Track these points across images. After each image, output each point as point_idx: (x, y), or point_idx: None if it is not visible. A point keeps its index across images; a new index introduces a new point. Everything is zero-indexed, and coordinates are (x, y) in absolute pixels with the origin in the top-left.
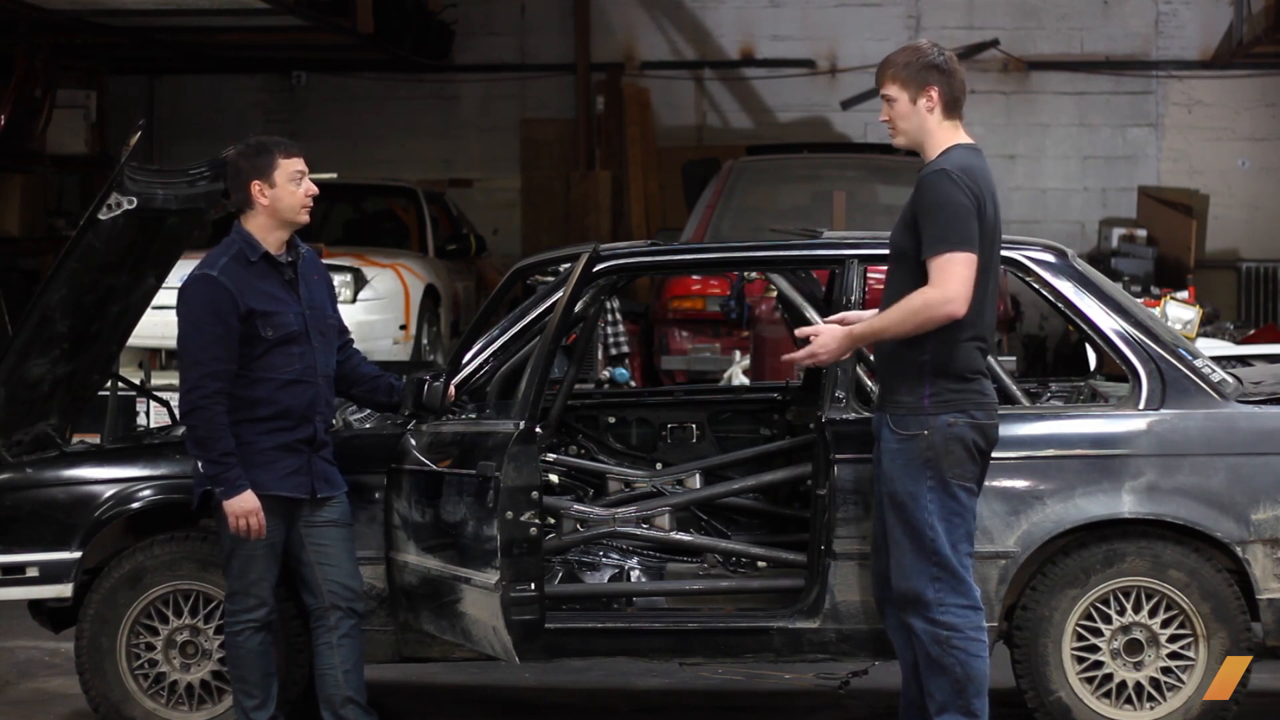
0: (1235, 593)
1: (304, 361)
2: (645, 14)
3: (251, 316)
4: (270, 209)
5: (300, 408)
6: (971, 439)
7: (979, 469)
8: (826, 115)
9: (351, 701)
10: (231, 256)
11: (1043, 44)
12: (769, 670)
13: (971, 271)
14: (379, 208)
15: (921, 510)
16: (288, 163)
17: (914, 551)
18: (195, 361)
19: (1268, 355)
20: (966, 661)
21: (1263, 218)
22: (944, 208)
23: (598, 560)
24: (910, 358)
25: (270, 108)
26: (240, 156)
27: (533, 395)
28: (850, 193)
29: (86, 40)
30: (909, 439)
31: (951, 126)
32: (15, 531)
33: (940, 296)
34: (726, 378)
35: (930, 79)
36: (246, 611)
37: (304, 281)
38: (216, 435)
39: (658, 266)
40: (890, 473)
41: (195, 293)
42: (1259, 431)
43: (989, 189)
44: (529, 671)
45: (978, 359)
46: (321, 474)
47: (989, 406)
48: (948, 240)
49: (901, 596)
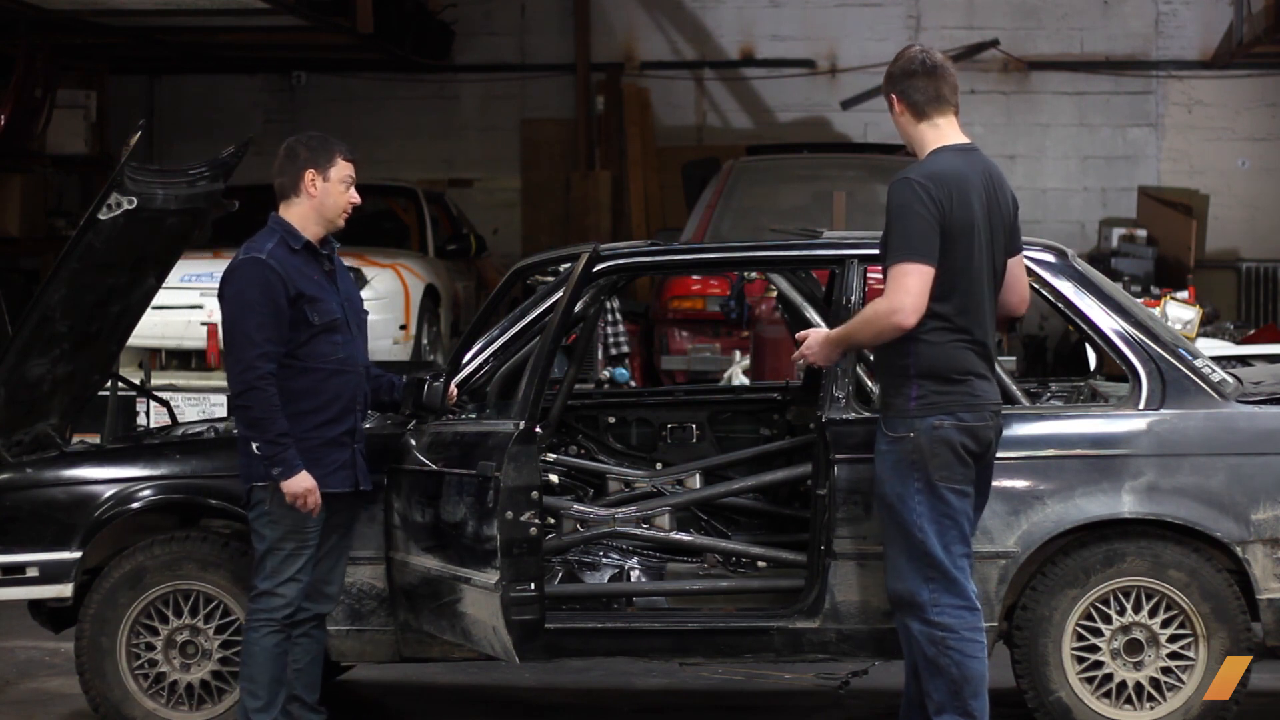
0: (1235, 593)
1: (346, 350)
2: (645, 14)
3: (300, 300)
4: (317, 203)
5: (344, 398)
6: (959, 441)
7: (968, 471)
8: (826, 115)
9: (297, 700)
10: (276, 242)
11: (1043, 44)
12: (769, 670)
13: (922, 282)
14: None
15: (910, 512)
16: (345, 165)
17: (906, 553)
18: (249, 341)
19: (1268, 355)
20: (963, 662)
21: (1263, 218)
22: (901, 217)
23: (598, 560)
24: (896, 361)
25: (270, 108)
26: (301, 143)
27: (533, 395)
28: (850, 193)
29: (86, 40)
30: (896, 441)
31: (930, 128)
32: (15, 531)
33: (887, 307)
34: (726, 378)
35: (890, 88)
36: (267, 611)
37: (340, 275)
38: (272, 416)
39: (658, 266)
40: (881, 474)
41: (245, 274)
42: (1259, 431)
43: (961, 191)
44: (529, 671)
45: (967, 359)
46: (363, 467)
47: (979, 407)
48: (900, 250)
49: (896, 598)
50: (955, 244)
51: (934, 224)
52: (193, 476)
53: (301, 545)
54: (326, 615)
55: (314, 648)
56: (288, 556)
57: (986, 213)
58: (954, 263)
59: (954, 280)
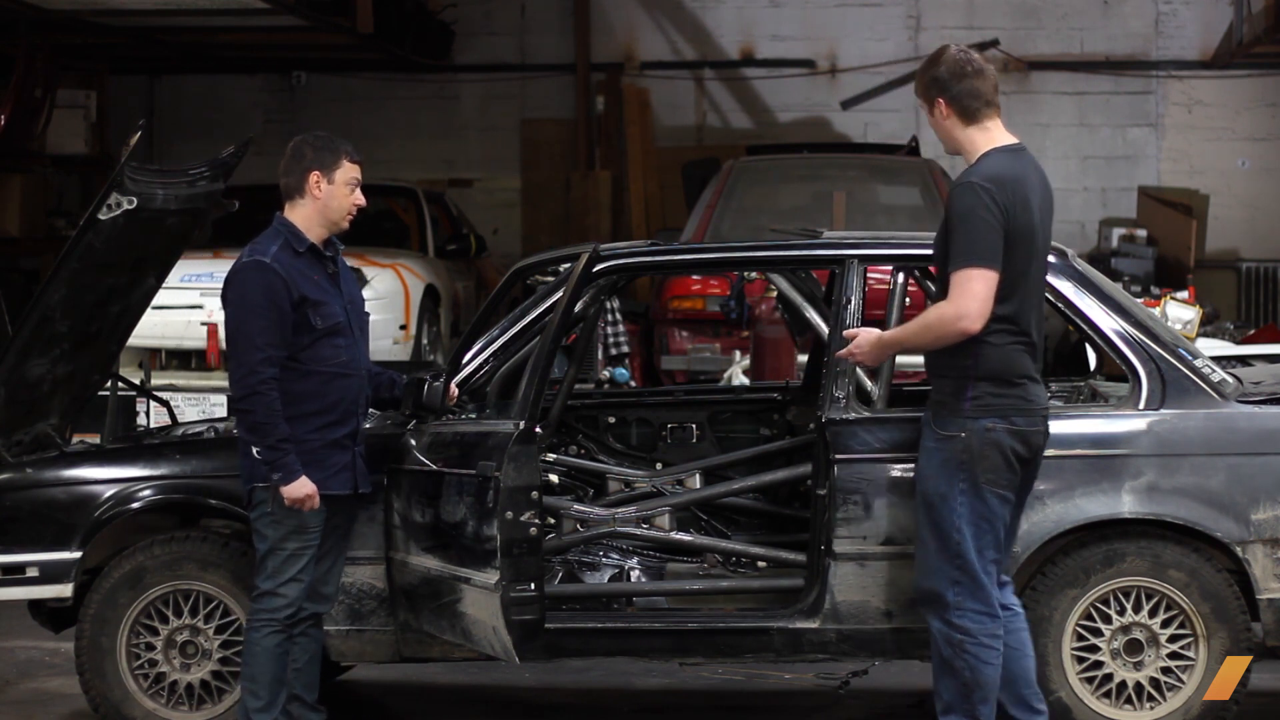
0: (1235, 593)
1: (349, 354)
2: (645, 14)
3: (303, 304)
4: (321, 204)
5: (346, 401)
6: (1009, 445)
7: (1014, 477)
8: (826, 115)
9: (296, 699)
10: (280, 245)
11: (1043, 44)
12: (769, 670)
13: (989, 287)
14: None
15: (951, 512)
16: (350, 167)
17: (939, 552)
18: (251, 346)
19: (1268, 355)
20: (977, 667)
21: (1263, 218)
22: (966, 222)
23: (598, 560)
24: (958, 362)
25: (270, 108)
26: (307, 144)
27: (533, 395)
28: (850, 193)
29: (86, 40)
30: (946, 439)
31: (979, 130)
32: (15, 531)
33: (954, 312)
34: (726, 378)
35: (934, 93)
36: (269, 611)
37: (343, 277)
38: (273, 421)
39: (658, 266)
40: (925, 471)
41: (248, 278)
42: (1259, 431)
43: (1021, 195)
44: (529, 671)
45: (1024, 362)
46: (362, 470)
47: (1032, 412)
48: (966, 256)
49: (921, 594)
50: (1016, 247)
51: (999, 228)
52: (193, 476)
53: (304, 546)
54: (324, 615)
55: (312, 646)
56: (290, 556)
57: (1041, 214)
58: (1015, 266)
59: (1014, 283)
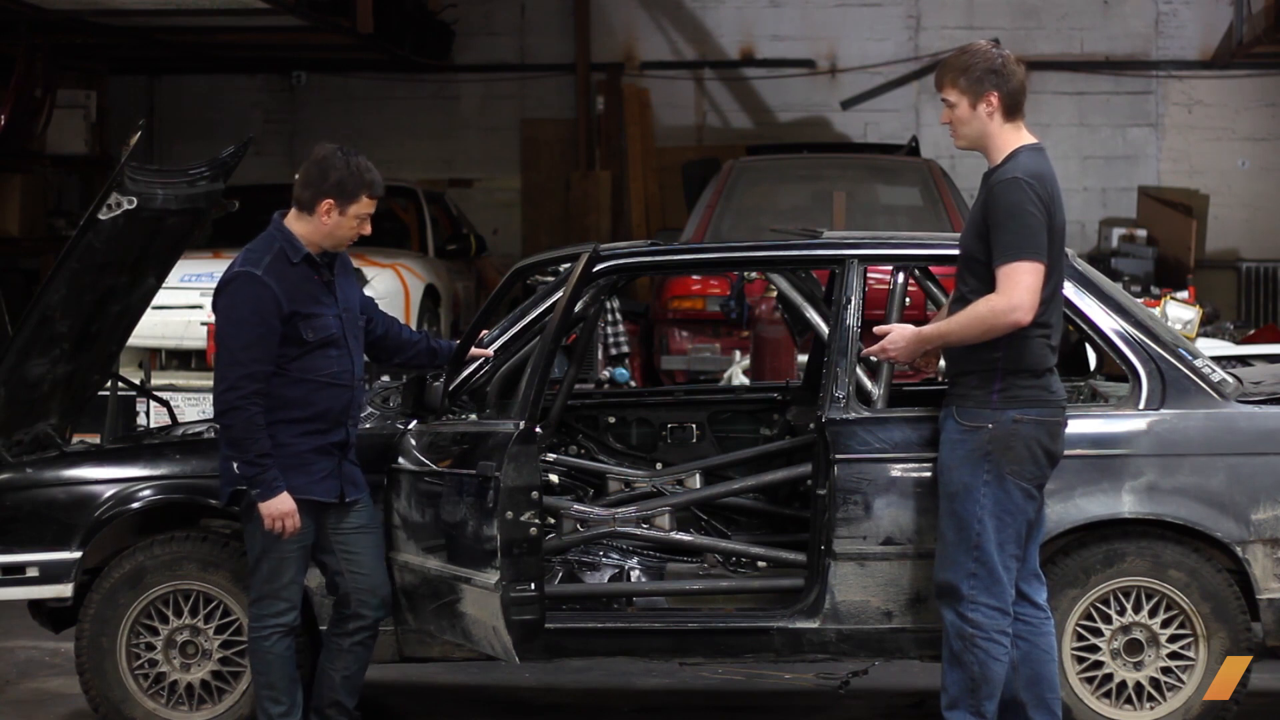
0: (1235, 593)
1: (341, 364)
2: (645, 14)
3: (294, 318)
4: (326, 231)
5: (336, 411)
6: (1035, 437)
7: (1040, 472)
8: (826, 115)
9: (337, 705)
10: (274, 255)
11: (1043, 44)
12: (769, 670)
13: (1038, 280)
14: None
15: (974, 504)
16: (368, 203)
17: (957, 544)
18: (234, 361)
19: (1268, 355)
20: (985, 662)
21: (1263, 218)
22: (1015, 216)
23: (598, 560)
24: (983, 354)
25: (270, 108)
26: (334, 166)
27: (533, 395)
28: (850, 193)
29: (86, 40)
30: (972, 430)
31: (1014, 129)
32: (15, 531)
33: (1006, 305)
34: (726, 378)
35: (989, 85)
36: (275, 616)
37: (339, 283)
38: (253, 436)
39: (658, 266)
40: (948, 462)
41: (238, 290)
42: (1259, 431)
43: (1056, 193)
44: (529, 671)
45: (1048, 356)
46: (349, 477)
47: (1054, 404)
48: (1017, 249)
49: (939, 586)
50: (1052, 244)
51: (1044, 223)
52: (193, 476)
53: (296, 548)
54: (381, 620)
55: (366, 656)
56: (283, 560)
57: (1061, 217)
58: (1050, 262)
59: (1047, 278)
